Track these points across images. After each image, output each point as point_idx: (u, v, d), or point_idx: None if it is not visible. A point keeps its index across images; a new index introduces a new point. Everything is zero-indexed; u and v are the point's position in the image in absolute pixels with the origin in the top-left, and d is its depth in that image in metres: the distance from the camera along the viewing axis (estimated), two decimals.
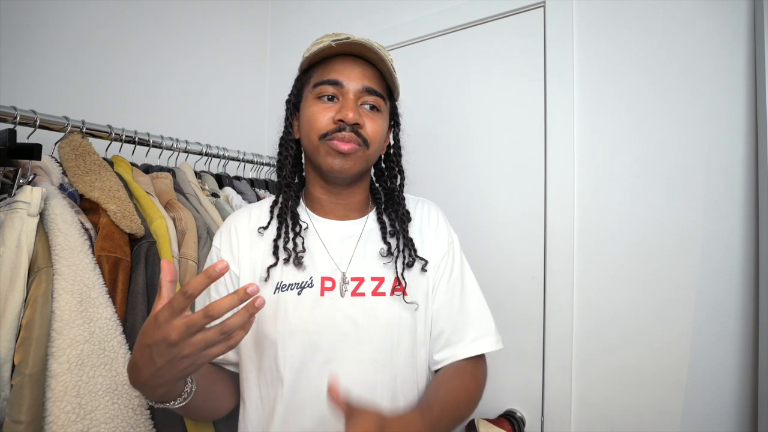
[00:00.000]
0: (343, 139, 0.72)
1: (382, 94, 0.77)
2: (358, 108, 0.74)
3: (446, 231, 0.86)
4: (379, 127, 0.76)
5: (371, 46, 0.73)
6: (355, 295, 0.75)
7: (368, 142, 0.75)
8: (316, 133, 0.74)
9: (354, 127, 0.73)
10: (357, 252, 0.78)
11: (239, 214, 0.84)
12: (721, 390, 0.93)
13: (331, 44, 0.73)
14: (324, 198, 0.81)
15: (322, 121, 0.74)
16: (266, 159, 1.36)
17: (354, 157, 0.74)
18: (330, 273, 0.76)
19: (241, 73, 1.63)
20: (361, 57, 0.76)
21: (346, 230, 0.81)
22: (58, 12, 1.12)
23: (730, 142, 0.94)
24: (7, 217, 0.70)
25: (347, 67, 0.75)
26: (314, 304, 0.73)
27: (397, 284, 0.76)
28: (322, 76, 0.76)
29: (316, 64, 0.78)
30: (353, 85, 0.74)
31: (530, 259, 1.17)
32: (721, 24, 0.96)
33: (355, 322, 0.73)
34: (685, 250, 0.98)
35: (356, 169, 0.76)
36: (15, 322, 0.67)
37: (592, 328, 1.08)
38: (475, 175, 1.27)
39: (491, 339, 0.81)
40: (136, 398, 0.74)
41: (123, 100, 1.24)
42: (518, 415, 1.15)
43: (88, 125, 0.92)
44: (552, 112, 1.14)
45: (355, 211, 0.83)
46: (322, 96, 0.75)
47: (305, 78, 0.80)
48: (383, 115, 0.78)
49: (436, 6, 1.33)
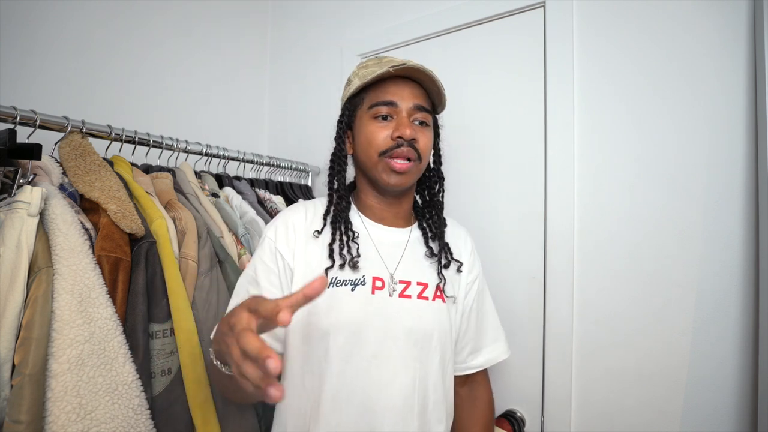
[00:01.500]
0: (401, 155, 0.80)
1: (430, 110, 0.85)
2: (411, 124, 0.81)
3: (477, 257, 0.96)
4: (429, 140, 0.85)
5: (425, 69, 0.81)
6: (402, 296, 0.81)
7: (422, 155, 0.82)
8: (376, 150, 0.81)
9: (411, 142, 0.80)
10: (405, 257, 0.85)
11: (295, 210, 0.88)
12: (721, 390, 0.93)
13: (390, 70, 0.79)
14: (376, 206, 0.88)
15: (380, 138, 0.81)
16: (266, 159, 1.36)
17: (409, 173, 0.82)
18: (380, 274, 0.82)
19: (241, 72, 1.63)
20: (409, 78, 0.84)
21: (396, 236, 0.87)
22: (58, 12, 1.12)
23: (730, 142, 0.94)
24: (7, 217, 0.70)
25: (400, 88, 0.82)
26: (366, 301, 0.79)
27: (438, 291, 0.84)
28: (377, 98, 0.82)
29: (368, 87, 0.85)
30: (406, 104, 0.82)
31: (530, 259, 1.17)
32: (721, 24, 0.96)
33: (401, 321, 0.79)
34: (685, 250, 0.98)
35: (410, 182, 0.84)
36: (15, 322, 0.67)
37: (592, 328, 1.08)
38: (475, 175, 1.27)
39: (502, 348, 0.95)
40: (136, 398, 0.74)
41: (123, 100, 1.24)
42: (518, 415, 1.15)
43: (88, 125, 0.92)
44: (552, 112, 1.14)
45: (402, 218, 0.90)
46: (377, 116, 0.82)
47: (357, 100, 0.87)
48: (431, 129, 0.86)
49: (435, 6, 1.33)
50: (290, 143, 1.66)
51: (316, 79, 1.60)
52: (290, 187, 1.45)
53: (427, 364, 0.80)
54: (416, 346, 0.79)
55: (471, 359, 0.91)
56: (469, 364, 0.91)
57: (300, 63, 1.65)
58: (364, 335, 0.77)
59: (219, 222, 1.03)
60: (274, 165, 1.40)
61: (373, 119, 0.82)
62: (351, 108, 0.87)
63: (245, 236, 1.08)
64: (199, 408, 0.83)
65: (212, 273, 0.92)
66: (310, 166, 1.53)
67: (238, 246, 1.05)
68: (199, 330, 0.86)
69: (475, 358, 0.91)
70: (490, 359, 0.92)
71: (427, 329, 0.80)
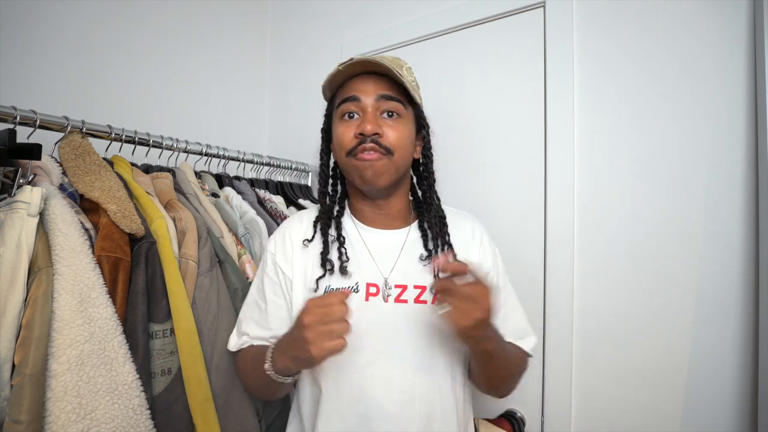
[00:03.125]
0: (364, 150, 0.76)
1: (399, 99, 0.80)
2: (377, 119, 0.78)
3: (490, 246, 0.89)
4: (400, 133, 0.79)
5: (376, 60, 0.76)
6: (398, 301, 0.78)
7: (391, 149, 0.77)
8: (343, 151, 0.79)
9: (374, 137, 0.76)
10: (400, 260, 0.81)
11: (292, 222, 0.89)
12: (721, 390, 0.93)
13: (339, 68, 0.78)
14: (366, 209, 0.86)
15: (346, 138, 0.78)
16: (266, 159, 1.36)
17: (379, 165, 0.77)
18: (374, 279, 0.79)
19: (241, 72, 1.63)
20: (375, 73, 0.80)
21: (390, 239, 0.84)
22: (58, 12, 1.12)
23: (730, 142, 0.94)
24: (7, 217, 0.70)
25: (362, 83, 0.80)
26: (359, 308, 0.75)
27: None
28: (342, 96, 0.81)
29: (338, 89, 0.84)
30: (369, 97, 0.79)
31: (530, 259, 1.17)
32: (721, 24, 0.96)
33: (397, 328, 0.77)
34: (685, 250, 0.98)
35: (387, 179, 0.79)
36: (15, 322, 0.67)
37: (592, 328, 1.08)
38: (475, 175, 1.27)
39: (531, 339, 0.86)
40: (136, 398, 0.74)
41: (123, 100, 1.24)
42: (518, 415, 1.15)
43: (88, 125, 0.91)
44: (552, 112, 1.14)
45: (396, 220, 0.86)
46: (345, 115, 0.80)
47: (331, 105, 0.86)
48: (405, 121, 0.81)
49: (435, 6, 1.33)
50: (290, 143, 1.65)
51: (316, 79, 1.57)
52: (290, 187, 1.45)
53: (431, 371, 0.77)
54: (416, 352, 0.76)
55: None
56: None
57: (300, 63, 1.65)
58: (358, 343, 0.73)
59: (219, 222, 1.02)
60: (274, 165, 1.40)
61: (341, 119, 0.81)
62: (328, 114, 0.87)
63: (245, 236, 1.07)
64: (199, 407, 0.83)
65: (212, 273, 0.92)
66: (310, 166, 1.53)
67: (238, 246, 1.05)
68: (199, 330, 0.86)
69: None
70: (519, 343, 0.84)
71: (426, 335, 0.77)
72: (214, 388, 0.86)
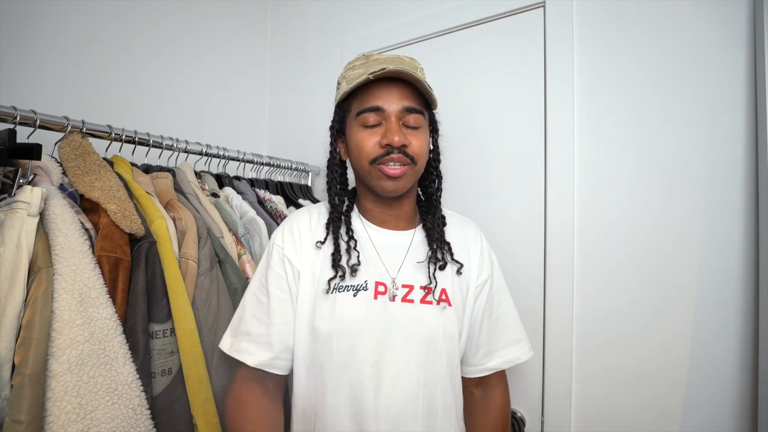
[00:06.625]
0: (392, 161, 0.78)
1: (422, 110, 0.81)
2: (401, 129, 0.79)
3: (489, 254, 0.92)
4: (422, 141, 0.81)
5: (407, 71, 0.76)
6: (405, 301, 0.80)
7: (415, 159, 0.80)
8: (366, 159, 0.79)
9: (401, 148, 0.77)
10: (407, 260, 0.84)
11: (300, 216, 0.89)
12: (721, 390, 0.93)
13: (369, 77, 0.77)
14: (376, 210, 0.87)
15: (369, 146, 0.79)
16: (266, 159, 1.36)
17: (404, 178, 0.79)
18: (382, 278, 0.81)
19: (241, 73, 1.63)
20: (396, 78, 0.80)
21: (398, 240, 0.86)
22: (58, 12, 1.11)
23: (730, 142, 0.94)
24: (7, 217, 0.70)
25: (385, 92, 0.79)
26: (368, 306, 0.78)
27: (444, 295, 0.82)
28: (363, 104, 0.80)
29: (356, 90, 0.82)
30: (393, 107, 0.78)
31: (530, 259, 1.17)
32: (721, 24, 0.96)
33: (403, 326, 0.78)
34: (685, 250, 0.98)
35: (407, 187, 0.82)
36: (15, 322, 0.67)
37: (592, 328, 1.08)
38: (475, 175, 1.27)
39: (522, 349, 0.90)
40: (136, 398, 0.74)
41: (123, 100, 1.24)
42: (518, 415, 1.15)
43: (88, 125, 0.91)
44: (552, 112, 1.14)
45: (404, 221, 0.88)
46: (365, 123, 0.79)
47: (346, 106, 0.84)
48: (424, 129, 0.83)
49: (435, 6, 1.33)
50: (290, 143, 1.66)
51: (316, 79, 1.60)
52: (290, 187, 1.45)
53: (434, 369, 0.78)
54: (420, 351, 0.78)
55: (485, 361, 0.88)
56: (483, 366, 0.88)
57: (300, 63, 1.65)
58: (365, 340, 0.76)
59: (219, 222, 1.03)
60: (274, 165, 1.40)
61: (361, 127, 0.80)
62: (341, 114, 0.86)
63: (245, 236, 1.07)
64: (201, 407, 0.83)
65: (212, 273, 0.92)
66: (310, 166, 1.53)
67: (238, 246, 1.05)
68: (200, 330, 0.86)
69: (489, 361, 0.88)
70: (506, 361, 0.88)
71: (431, 334, 0.79)
72: (215, 387, 0.86)
